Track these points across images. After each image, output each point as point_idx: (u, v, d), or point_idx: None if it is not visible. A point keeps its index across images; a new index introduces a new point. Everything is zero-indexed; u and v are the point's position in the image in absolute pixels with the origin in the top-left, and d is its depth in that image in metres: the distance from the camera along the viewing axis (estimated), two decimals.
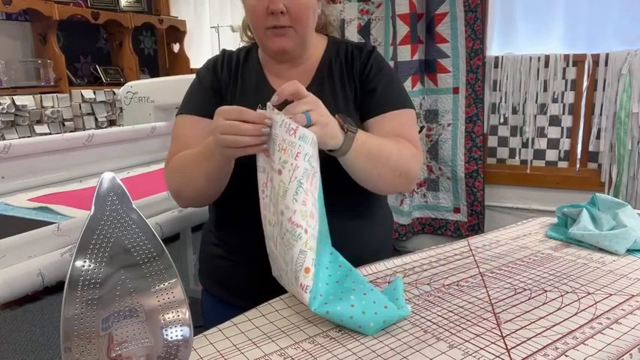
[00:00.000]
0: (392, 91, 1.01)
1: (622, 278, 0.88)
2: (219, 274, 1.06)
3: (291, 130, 0.73)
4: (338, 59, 1.03)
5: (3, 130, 2.53)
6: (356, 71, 1.01)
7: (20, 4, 2.67)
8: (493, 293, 0.83)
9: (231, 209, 1.02)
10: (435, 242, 1.07)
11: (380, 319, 0.71)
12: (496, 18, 2.59)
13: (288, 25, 0.92)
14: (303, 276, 0.73)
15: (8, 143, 1.47)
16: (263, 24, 0.93)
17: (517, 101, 2.55)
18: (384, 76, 1.01)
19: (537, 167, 2.59)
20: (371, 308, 0.72)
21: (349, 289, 0.75)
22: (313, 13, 0.97)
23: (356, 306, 0.72)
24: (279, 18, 0.91)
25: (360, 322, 0.70)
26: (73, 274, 0.57)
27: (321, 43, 1.06)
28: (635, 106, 2.28)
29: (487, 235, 1.14)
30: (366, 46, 1.04)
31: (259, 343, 0.70)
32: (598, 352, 0.65)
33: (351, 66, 1.02)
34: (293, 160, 0.74)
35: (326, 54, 1.04)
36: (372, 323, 0.71)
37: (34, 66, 2.88)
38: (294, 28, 0.94)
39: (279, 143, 0.74)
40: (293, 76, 0.96)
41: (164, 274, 0.62)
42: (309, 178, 0.75)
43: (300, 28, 0.94)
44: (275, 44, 0.95)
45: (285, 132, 0.74)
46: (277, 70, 1.04)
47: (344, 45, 1.05)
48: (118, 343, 0.59)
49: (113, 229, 0.59)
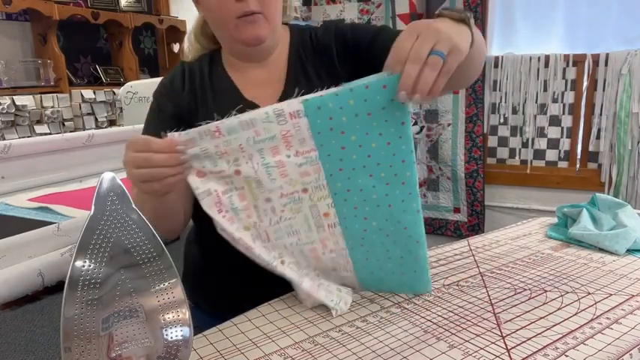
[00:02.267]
0: (366, 28, 0.94)
1: (622, 278, 0.88)
2: (209, 287, 1.00)
3: (215, 134, 0.70)
4: (307, 50, 0.95)
5: (3, 130, 2.53)
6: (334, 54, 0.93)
7: (20, 4, 2.67)
8: (493, 293, 0.83)
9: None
10: (435, 242, 1.06)
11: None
12: (496, 18, 2.58)
13: (257, 10, 0.87)
14: (325, 220, 0.76)
15: (8, 143, 1.47)
16: (232, 14, 0.87)
17: (517, 101, 2.55)
18: (351, 29, 0.94)
19: (537, 167, 2.59)
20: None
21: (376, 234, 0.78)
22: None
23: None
24: (249, 3, 0.85)
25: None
26: (73, 274, 0.57)
27: (285, 34, 0.98)
28: (635, 106, 2.28)
29: (487, 235, 1.14)
30: (326, 25, 0.97)
31: (259, 343, 0.70)
32: (598, 352, 0.65)
33: (325, 52, 0.94)
34: (240, 153, 0.71)
35: (293, 47, 0.96)
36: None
37: (34, 66, 2.88)
38: (263, 14, 0.88)
39: (214, 152, 0.71)
40: (264, 79, 0.93)
41: (164, 274, 0.62)
42: (272, 151, 0.72)
43: (270, 13, 0.89)
44: (248, 33, 0.88)
45: (211, 140, 0.70)
46: (247, 75, 0.95)
47: (307, 32, 0.98)
48: (118, 343, 0.59)
49: (113, 229, 0.59)
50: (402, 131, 0.70)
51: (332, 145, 0.72)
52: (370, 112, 0.69)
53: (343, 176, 0.74)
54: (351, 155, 0.72)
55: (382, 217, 0.76)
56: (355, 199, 0.75)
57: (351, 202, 0.76)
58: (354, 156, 0.72)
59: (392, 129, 0.70)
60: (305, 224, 0.77)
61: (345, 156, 0.72)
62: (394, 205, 0.75)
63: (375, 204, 0.75)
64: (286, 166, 0.72)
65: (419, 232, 0.77)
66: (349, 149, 0.72)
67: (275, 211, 0.75)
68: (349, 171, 0.73)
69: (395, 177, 0.73)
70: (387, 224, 0.76)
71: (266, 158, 0.72)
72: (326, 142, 0.72)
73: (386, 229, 0.77)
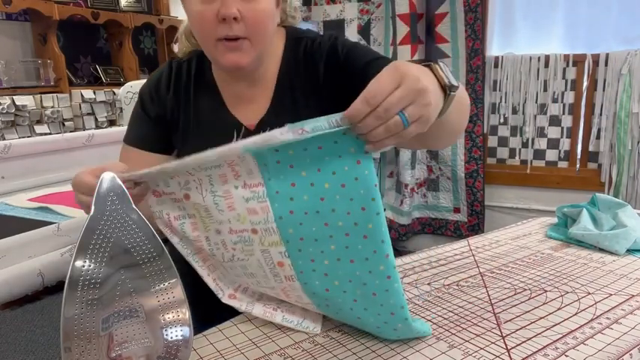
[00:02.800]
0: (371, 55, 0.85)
1: (622, 278, 0.88)
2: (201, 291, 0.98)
3: (162, 168, 0.64)
4: (299, 62, 0.87)
5: (3, 130, 2.53)
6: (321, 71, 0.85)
7: (20, 4, 2.67)
8: (493, 293, 0.83)
9: None
10: (435, 242, 1.06)
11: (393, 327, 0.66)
12: (496, 18, 2.58)
13: (242, 35, 0.77)
14: (281, 270, 0.66)
15: (8, 143, 1.48)
16: (212, 35, 0.77)
17: (517, 101, 2.55)
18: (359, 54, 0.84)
19: (537, 167, 2.59)
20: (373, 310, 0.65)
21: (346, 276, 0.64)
22: (272, 21, 0.81)
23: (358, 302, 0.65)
24: (233, 26, 0.76)
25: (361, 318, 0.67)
26: (73, 274, 0.57)
27: (279, 42, 0.89)
28: (635, 106, 2.28)
29: (487, 235, 1.14)
30: (325, 39, 0.87)
31: (259, 343, 0.70)
32: (598, 352, 0.65)
33: (315, 67, 0.85)
34: (189, 176, 0.65)
35: (284, 59, 0.88)
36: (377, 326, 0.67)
37: (34, 66, 2.88)
38: (249, 39, 0.78)
39: (164, 175, 0.66)
40: (251, 95, 0.88)
41: (164, 274, 0.62)
42: (220, 179, 0.63)
43: (257, 40, 0.79)
44: (228, 60, 0.79)
45: (157, 171, 0.65)
46: (235, 90, 0.89)
47: (303, 41, 0.88)
48: (118, 343, 0.59)
49: (113, 229, 0.59)
50: (359, 172, 0.57)
51: (280, 181, 0.61)
52: (321, 146, 0.57)
53: (294, 221, 0.62)
54: (302, 195, 0.60)
55: (344, 275, 0.64)
56: (311, 250, 0.63)
57: (307, 254, 0.64)
58: (305, 197, 0.60)
59: (345, 167, 0.58)
60: (260, 269, 0.68)
61: (295, 195, 0.61)
62: (357, 261, 0.61)
63: (334, 257, 0.63)
64: (234, 198, 0.64)
65: (394, 302, 0.63)
66: (300, 187, 0.60)
67: (226, 247, 0.68)
68: (301, 215, 0.61)
69: (355, 227, 0.59)
70: (352, 286, 0.64)
71: (215, 186, 0.64)
72: (274, 177, 0.61)
73: (351, 292, 0.64)
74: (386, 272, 0.61)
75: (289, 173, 0.60)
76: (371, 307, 0.65)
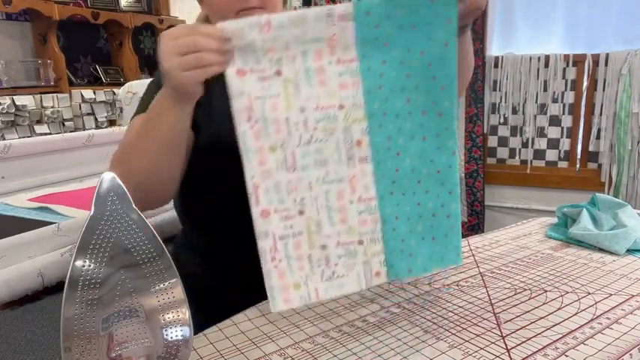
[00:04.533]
0: None
1: (622, 278, 0.88)
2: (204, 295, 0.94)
3: (264, 27, 0.65)
4: None
5: (3, 130, 2.53)
6: None
7: (20, 4, 2.67)
8: (493, 293, 0.83)
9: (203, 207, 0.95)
10: None
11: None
12: (496, 18, 2.58)
13: (258, 5, 0.87)
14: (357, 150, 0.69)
15: (8, 143, 1.48)
16: (233, 9, 0.86)
17: (517, 101, 2.55)
18: None
19: (537, 167, 2.59)
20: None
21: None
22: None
23: None
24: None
25: None
26: (73, 274, 0.57)
27: None
28: (635, 106, 2.28)
29: (487, 235, 1.14)
30: None
31: (259, 343, 0.70)
32: (598, 352, 0.65)
33: None
34: (285, 52, 0.66)
35: None
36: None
37: (34, 66, 2.88)
38: (264, 9, 0.87)
39: (260, 47, 0.66)
40: None
41: (164, 274, 0.62)
42: (315, 55, 0.67)
43: (270, 9, 0.88)
44: None
45: (259, 33, 0.65)
46: None
47: None
48: (118, 343, 0.59)
49: (113, 229, 0.59)
50: (445, 53, 0.66)
51: (373, 58, 0.67)
52: (415, 26, 0.65)
53: (381, 96, 0.69)
54: (391, 72, 0.68)
55: (415, 152, 0.71)
56: (390, 126, 0.70)
57: (386, 130, 0.70)
58: (393, 73, 0.68)
59: (434, 48, 0.66)
60: (336, 153, 0.69)
61: (385, 71, 0.68)
62: (429, 138, 0.70)
63: (409, 135, 0.70)
64: (326, 74, 0.67)
65: (452, 181, 0.71)
66: (390, 64, 0.68)
67: (307, 126, 0.68)
68: (387, 91, 0.69)
69: (432, 105, 0.68)
70: (420, 164, 0.71)
71: (308, 62, 0.67)
72: (368, 53, 0.67)
73: (418, 170, 0.71)
74: (453, 147, 0.70)
75: (382, 51, 0.67)
76: (433, 188, 0.72)
